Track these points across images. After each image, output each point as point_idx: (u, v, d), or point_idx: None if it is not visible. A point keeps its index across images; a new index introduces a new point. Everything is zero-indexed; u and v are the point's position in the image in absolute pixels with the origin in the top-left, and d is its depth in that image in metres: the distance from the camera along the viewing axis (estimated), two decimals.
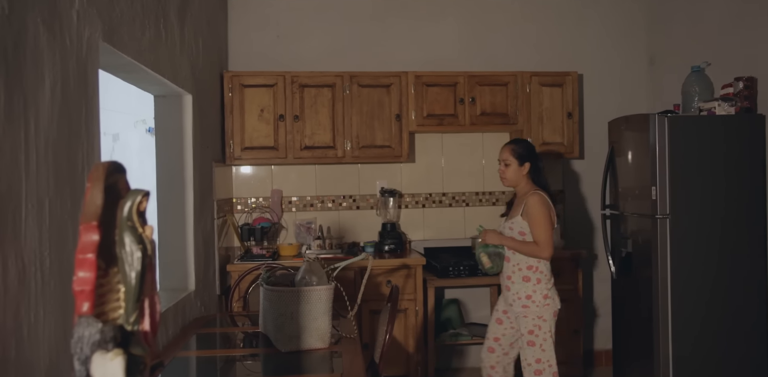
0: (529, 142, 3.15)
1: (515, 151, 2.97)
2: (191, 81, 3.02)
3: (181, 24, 2.83)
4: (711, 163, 3.14)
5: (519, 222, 2.91)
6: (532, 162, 2.98)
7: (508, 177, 2.99)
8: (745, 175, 3.14)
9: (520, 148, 2.98)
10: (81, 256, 0.97)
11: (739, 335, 3.11)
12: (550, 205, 2.93)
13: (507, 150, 2.99)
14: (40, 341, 1.35)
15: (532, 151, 3.02)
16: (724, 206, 3.13)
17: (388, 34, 4.29)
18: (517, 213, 2.93)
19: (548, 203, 2.92)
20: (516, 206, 3.00)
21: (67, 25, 1.57)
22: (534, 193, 2.91)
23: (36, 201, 1.36)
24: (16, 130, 1.29)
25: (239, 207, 4.16)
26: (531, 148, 3.03)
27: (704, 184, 3.14)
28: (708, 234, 3.13)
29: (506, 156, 2.98)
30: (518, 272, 2.91)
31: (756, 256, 3.13)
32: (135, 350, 1.00)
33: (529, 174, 2.98)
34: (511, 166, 2.96)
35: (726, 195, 3.13)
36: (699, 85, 3.45)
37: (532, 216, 2.86)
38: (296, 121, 3.89)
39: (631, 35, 4.49)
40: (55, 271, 1.43)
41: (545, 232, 2.85)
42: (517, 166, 2.96)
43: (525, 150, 2.98)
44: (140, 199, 1.03)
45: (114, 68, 2.22)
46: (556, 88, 4.11)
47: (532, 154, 3.00)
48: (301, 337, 2.17)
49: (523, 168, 2.96)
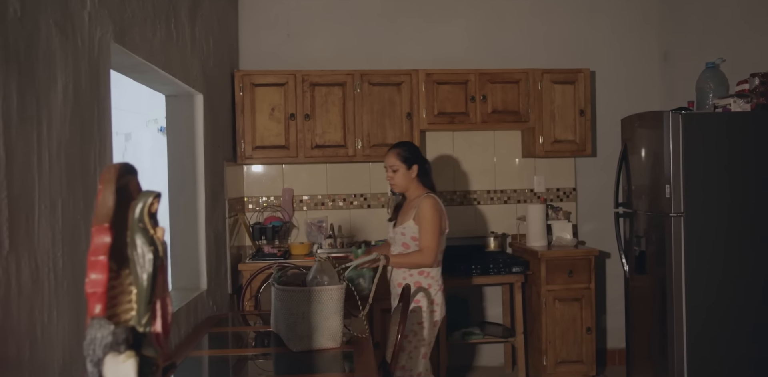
0: (413, 144, 3.09)
1: (401, 154, 2.90)
2: (202, 80, 3.03)
3: (191, 24, 2.83)
4: (726, 160, 3.10)
5: (411, 226, 2.84)
6: (419, 164, 2.92)
7: (398, 182, 2.91)
8: (761, 173, 3.10)
9: (405, 151, 2.91)
10: (93, 258, 0.97)
11: (755, 334, 3.08)
12: (442, 209, 2.88)
13: (392, 155, 2.92)
14: (53, 342, 1.36)
15: (417, 153, 2.96)
16: (739, 204, 3.09)
17: (398, 32, 4.28)
18: (409, 217, 2.86)
19: (440, 207, 2.87)
20: (407, 210, 2.92)
21: (79, 26, 1.58)
22: (427, 196, 2.85)
23: (49, 201, 1.36)
24: (29, 131, 1.29)
25: (250, 207, 4.17)
26: (416, 150, 2.97)
27: (719, 182, 3.10)
28: (722, 233, 3.09)
29: (393, 161, 2.91)
30: (409, 277, 2.85)
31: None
32: (147, 351, 1.00)
33: (418, 176, 2.92)
34: (399, 170, 2.89)
35: (741, 194, 3.10)
36: (713, 81, 3.41)
37: (423, 221, 2.80)
38: (307, 120, 3.89)
39: (643, 31, 4.45)
40: (68, 272, 1.44)
41: (432, 239, 2.79)
42: (405, 169, 2.89)
43: (410, 152, 2.92)
44: (151, 201, 1.03)
45: (125, 69, 2.23)
46: (568, 86, 4.08)
47: (418, 156, 2.94)
48: (313, 337, 2.17)
49: (411, 171, 2.90)
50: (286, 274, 2.44)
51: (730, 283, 3.08)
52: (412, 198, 2.92)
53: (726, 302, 3.08)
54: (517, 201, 4.35)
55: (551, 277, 3.80)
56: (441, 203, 2.89)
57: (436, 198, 2.87)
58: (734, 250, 3.09)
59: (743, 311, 3.08)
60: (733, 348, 3.07)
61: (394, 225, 2.97)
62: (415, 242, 2.85)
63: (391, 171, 2.92)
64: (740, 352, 3.07)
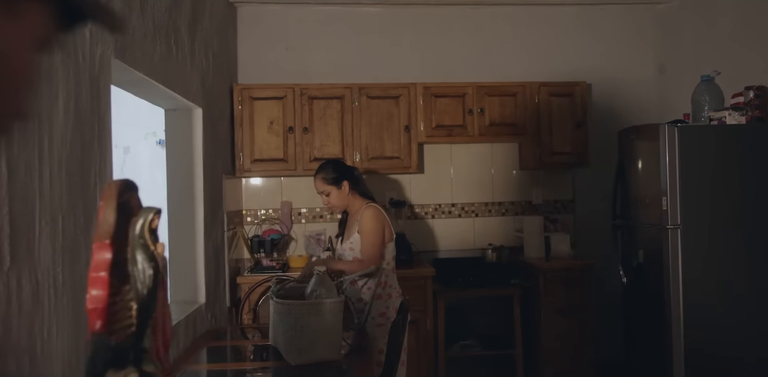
0: (334, 161, 3.04)
1: (326, 179, 2.87)
2: (201, 94, 3.05)
3: (191, 38, 2.86)
4: (722, 172, 3.12)
5: (357, 240, 2.81)
6: (347, 178, 2.88)
7: (336, 203, 2.88)
8: (757, 185, 3.12)
9: (328, 173, 2.87)
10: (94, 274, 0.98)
11: (754, 345, 3.08)
12: (384, 218, 2.84)
13: (319, 181, 2.88)
14: (53, 358, 1.36)
15: (340, 167, 2.92)
16: (736, 216, 3.11)
17: (396, 46, 4.32)
18: (354, 231, 2.83)
19: (382, 216, 2.82)
20: (351, 224, 2.90)
21: (81, 43, 1.60)
22: (367, 207, 2.82)
23: (50, 217, 1.37)
24: (31, 148, 1.30)
25: (249, 219, 4.17)
26: (338, 166, 2.92)
27: (715, 194, 3.12)
28: (719, 244, 3.10)
29: (322, 187, 2.88)
30: (367, 291, 2.80)
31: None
32: (147, 367, 1.00)
33: (352, 189, 2.88)
34: (331, 193, 2.87)
35: (737, 205, 3.11)
36: (709, 94, 3.44)
37: (363, 232, 2.77)
38: (306, 133, 3.91)
39: (639, 44, 4.49)
40: (67, 287, 1.45)
41: (373, 249, 2.75)
42: (337, 190, 2.86)
43: (334, 172, 2.88)
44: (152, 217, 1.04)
45: (126, 84, 2.25)
46: (565, 98, 4.11)
47: (343, 171, 2.90)
48: (312, 350, 2.16)
49: (343, 189, 2.86)
50: (285, 287, 2.44)
51: (728, 294, 3.09)
52: (354, 211, 2.90)
53: (724, 313, 3.08)
54: (515, 213, 4.35)
55: (550, 289, 3.80)
56: (382, 211, 2.85)
57: (377, 207, 2.85)
58: (731, 261, 3.10)
59: (742, 322, 3.08)
60: (731, 358, 3.07)
61: (342, 241, 2.94)
62: None
63: (324, 196, 2.89)
64: (739, 363, 3.07)
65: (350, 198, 2.89)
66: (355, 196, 2.90)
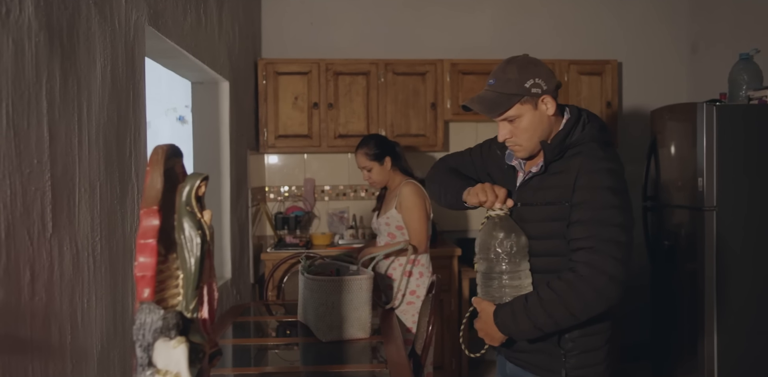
0: (377, 136, 2.98)
1: (368, 154, 2.82)
2: (228, 67, 3.00)
3: (219, 9, 2.80)
4: (761, 153, 3.03)
5: (394, 215, 2.79)
6: (390, 154, 2.84)
7: (377, 180, 2.85)
8: None
9: (371, 149, 2.83)
10: (142, 241, 0.94)
11: None
12: (424, 194, 2.79)
13: (361, 156, 2.84)
14: (92, 327, 1.34)
15: (383, 143, 2.87)
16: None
17: (423, 21, 4.22)
18: (392, 206, 2.80)
19: (422, 192, 2.78)
20: (389, 199, 2.86)
21: (117, 8, 1.55)
22: (407, 183, 2.78)
23: (88, 185, 1.34)
24: (71, 113, 1.27)
25: (272, 196, 4.15)
26: (380, 141, 2.88)
27: (753, 176, 3.03)
28: (756, 227, 3.02)
29: (364, 162, 2.84)
30: (399, 268, 2.76)
31: None
32: (194, 338, 0.97)
33: (394, 165, 2.85)
34: (373, 169, 2.83)
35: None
36: (747, 73, 3.33)
37: (407, 209, 2.73)
38: (330, 109, 3.85)
39: (673, 21, 4.36)
40: (105, 257, 1.42)
41: (421, 234, 2.72)
42: (379, 166, 2.82)
43: (376, 147, 2.83)
44: (199, 184, 1.00)
45: (157, 53, 2.21)
46: (595, 77, 4.01)
47: (386, 147, 2.85)
48: (342, 327, 2.14)
49: (385, 165, 2.83)
50: (315, 264, 2.42)
51: (764, 278, 3.02)
52: (393, 187, 2.87)
53: (759, 297, 3.02)
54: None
55: None
56: (422, 188, 2.80)
57: (416, 184, 2.81)
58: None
59: None
60: (766, 343, 3.01)
61: (378, 216, 2.91)
62: (399, 231, 2.80)
63: (366, 172, 2.86)
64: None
65: (391, 174, 2.86)
66: (395, 172, 2.87)
